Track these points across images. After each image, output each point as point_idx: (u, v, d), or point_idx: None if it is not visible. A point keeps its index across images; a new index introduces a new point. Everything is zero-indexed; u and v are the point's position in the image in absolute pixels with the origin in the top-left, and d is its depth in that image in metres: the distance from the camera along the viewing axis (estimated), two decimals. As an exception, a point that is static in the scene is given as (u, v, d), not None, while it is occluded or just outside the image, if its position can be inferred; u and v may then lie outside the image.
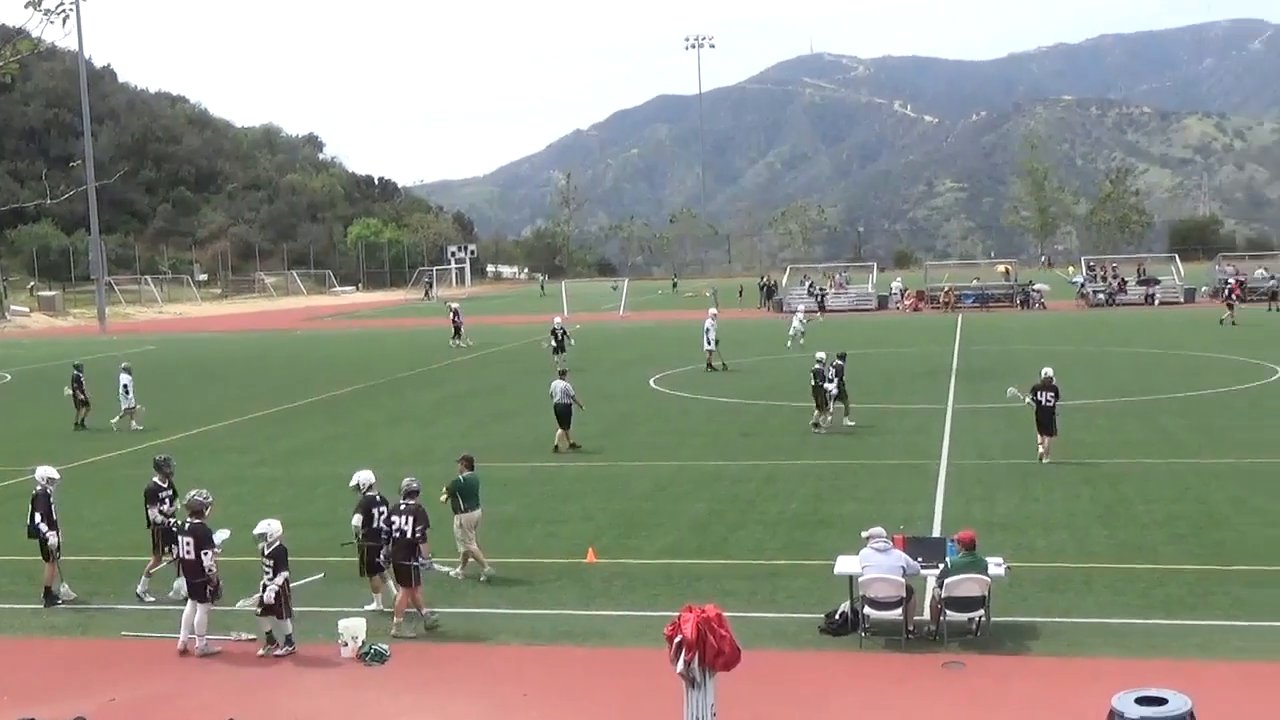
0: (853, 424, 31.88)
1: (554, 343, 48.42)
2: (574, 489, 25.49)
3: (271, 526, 15.76)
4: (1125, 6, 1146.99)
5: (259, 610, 15.60)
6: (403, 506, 16.84)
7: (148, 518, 18.66)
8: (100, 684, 14.78)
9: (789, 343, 54.33)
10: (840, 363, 32.60)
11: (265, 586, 15.49)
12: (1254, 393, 36.61)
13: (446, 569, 18.09)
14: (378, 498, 17.53)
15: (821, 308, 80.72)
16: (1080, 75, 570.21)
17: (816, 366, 31.63)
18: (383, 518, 17.12)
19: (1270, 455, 26.35)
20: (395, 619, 16.44)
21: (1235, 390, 37.05)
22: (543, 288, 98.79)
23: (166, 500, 18.57)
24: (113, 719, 13.81)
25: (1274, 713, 12.92)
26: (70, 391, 36.79)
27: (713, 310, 50.37)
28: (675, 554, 20.02)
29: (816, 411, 31.47)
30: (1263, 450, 26.96)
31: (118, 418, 35.95)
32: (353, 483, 17.84)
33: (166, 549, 18.04)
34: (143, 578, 18.41)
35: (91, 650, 16.30)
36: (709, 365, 46.75)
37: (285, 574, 15.57)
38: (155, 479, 18.87)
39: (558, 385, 30.64)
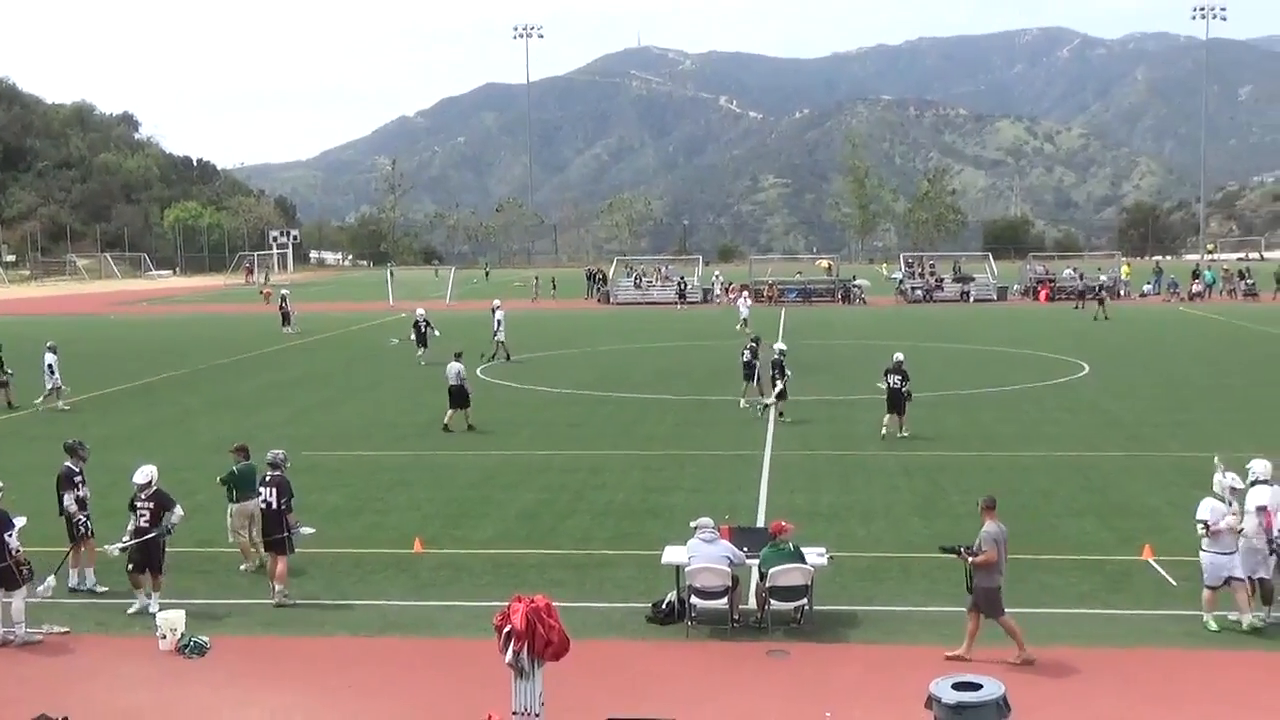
0: (763, 404, 32.25)
1: (416, 334, 46.99)
2: (400, 478, 25.24)
3: None
4: (942, 11, 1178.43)
5: None
6: (268, 478, 17.05)
7: (61, 506, 17.71)
8: (-99, 681, 14.16)
9: (738, 326, 56.99)
10: (755, 344, 34.52)
11: None
12: (1063, 388, 37.99)
13: (310, 530, 17.61)
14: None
15: (681, 298, 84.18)
16: (899, 76, 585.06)
17: (776, 357, 31.86)
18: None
19: (1076, 448, 27.40)
20: (277, 585, 16.78)
21: (1045, 385, 38.39)
22: (391, 273, 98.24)
23: (79, 485, 17.84)
24: (-85, 717, 13.26)
25: (1081, 696, 13.43)
26: None
27: (496, 301, 50.19)
28: (503, 544, 19.98)
29: (776, 399, 31.62)
30: (1069, 443, 28.02)
31: (42, 398, 35.33)
32: (144, 479, 16.86)
33: (86, 535, 17.52)
34: (86, 570, 17.69)
35: (-108, 646, 15.60)
36: (493, 356, 46.28)
37: None
38: (68, 463, 18.03)
39: (453, 367, 31.42)
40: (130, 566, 16.84)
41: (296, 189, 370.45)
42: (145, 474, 17.00)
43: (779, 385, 31.36)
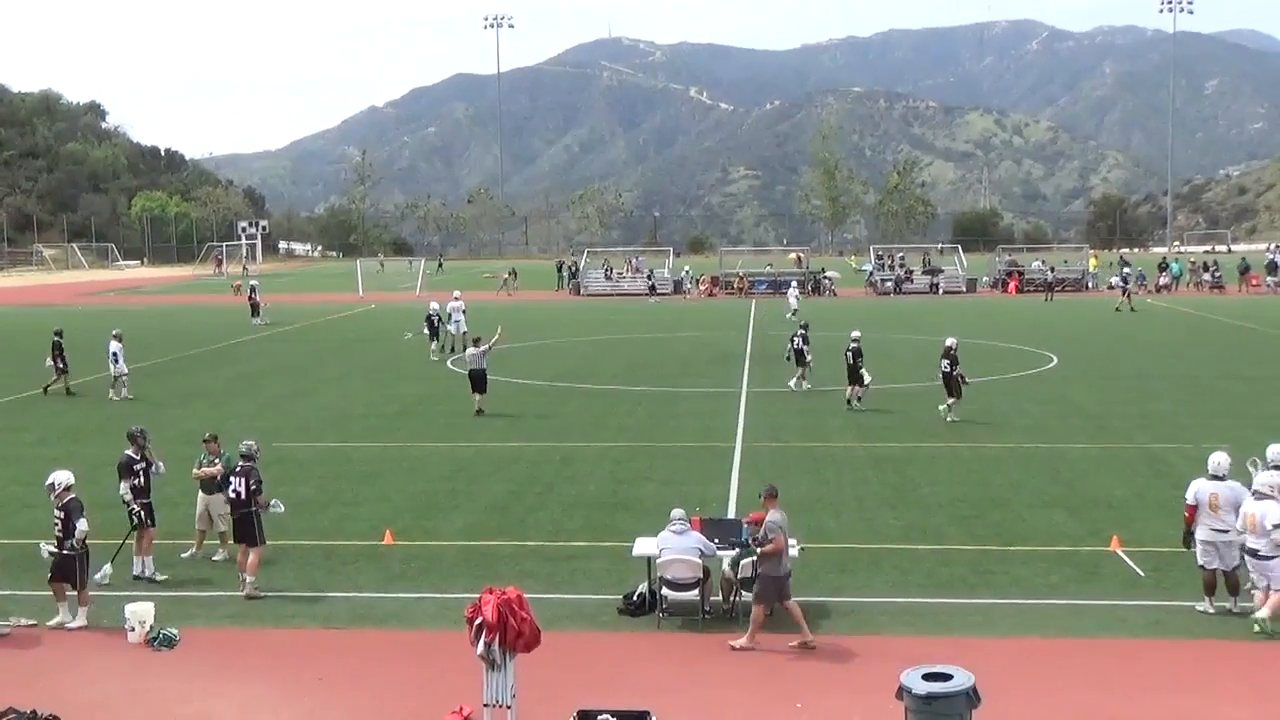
0: (806, 387, 34.73)
1: (429, 327, 45.51)
2: (371, 470, 25.17)
3: None
4: (911, 3, 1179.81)
5: None
6: (239, 468, 17.00)
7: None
8: None
9: (788, 315, 57.34)
10: (805, 331, 36.16)
11: None
12: (1032, 380, 38.18)
13: (281, 508, 17.45)
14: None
15: (652, 290, 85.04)
16: (869, 68, 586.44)
17: (854, 345, 32.10)
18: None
19: (1045, 440, 27.55)
20: (248, 577, 16.69)
21: (1014, 377, 38.57)
22: (381, 264, 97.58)
23: (141, 474, 17.82)
24: (-119, 711, 13.15)
25: (1049, 685, 13.52)
26: (51, 361, 36.71)
27: (456, 293, 50.05)
28: (474, 535, 19.96)
29: (850, 388, 32.04)
30: (1038, 435, 28.17)
31: (113, 387, 35.77)
32: (51, 481, 16.17)
33: (150, 523, 17.64)
34: (146, 558, 17.68)
35: None
36: (451, 349, 45.75)
37: None
38: (129, 451, 17.97)
39: (471, 352, 32.38)
40: (49, 574, 15.89)
41: (265, 179, 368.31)
42: (50, 478, 16.21)
43: (865, 375, 31.85)
